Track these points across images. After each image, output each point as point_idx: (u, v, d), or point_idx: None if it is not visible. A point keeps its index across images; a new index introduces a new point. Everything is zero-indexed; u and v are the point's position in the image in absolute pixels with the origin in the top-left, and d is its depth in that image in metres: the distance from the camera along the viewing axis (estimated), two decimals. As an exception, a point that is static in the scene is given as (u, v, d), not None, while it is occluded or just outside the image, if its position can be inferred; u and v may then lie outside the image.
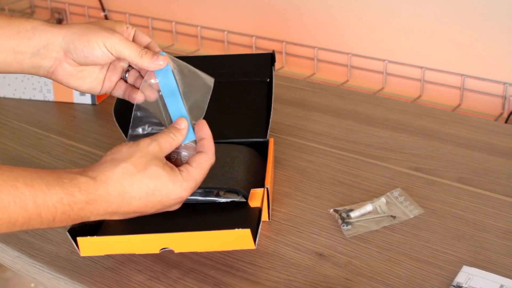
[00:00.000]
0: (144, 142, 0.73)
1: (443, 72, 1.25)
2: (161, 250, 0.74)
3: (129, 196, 0.70)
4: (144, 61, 0.79)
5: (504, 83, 1.19)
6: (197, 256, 0.78)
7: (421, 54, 1.27)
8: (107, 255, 0.78)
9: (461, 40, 1.22)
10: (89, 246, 0.73)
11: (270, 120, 0.95)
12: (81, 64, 0.81)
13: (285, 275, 0.75)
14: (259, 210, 0.78)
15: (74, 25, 0.81)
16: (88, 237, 0.72)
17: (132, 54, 0.79)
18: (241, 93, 1.04)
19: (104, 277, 0.75)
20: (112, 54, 0.78)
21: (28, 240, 0.83)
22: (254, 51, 1.48)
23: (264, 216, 0.83)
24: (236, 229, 0.71)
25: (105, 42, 0.78)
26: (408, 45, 1.29)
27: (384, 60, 1.31)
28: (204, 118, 0.99)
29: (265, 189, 0.81)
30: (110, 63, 0.83)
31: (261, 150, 0.92)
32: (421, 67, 1.27)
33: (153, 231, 0.74)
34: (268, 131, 0.94)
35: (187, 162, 0.74)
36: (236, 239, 0.72)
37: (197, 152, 0.76)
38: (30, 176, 0.66)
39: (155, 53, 0.80)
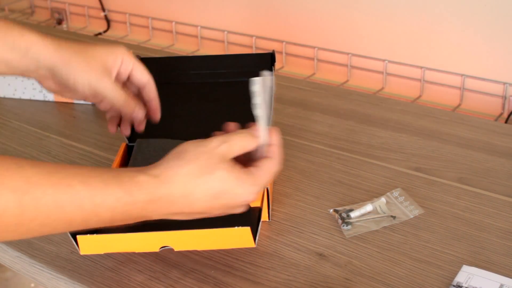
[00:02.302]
0: (214, 143, 0.68)
1: (443, 72, 1.25)
2: (161, 249, 0.74)
3: (193, 198, 0.66)
4: (126, 111, 0.83)
5: (504, 83, 1.19)
6: (197, 256, 0.78)
7: (421, 54, 1.27)
8: (107, 255, 0.78)
9: (461, 40, 1.22)
10: (89, 244, 0.73)
11: (270, 120, 0.95)
12: (67, 90, 0.83)
13: (285, 275, 0.75)
14: (259, 209, 0.78)
15: (66, 52, 0.81)
16: (88, 235, 0.72)
17: (115, 104, 0.82)
18: (241, 93, 1.04)
19: (104, 277, 0.75)
20: (93, 92, 0.81)
21: (28, 240, 0.83)
22: (254, 51, 1.48)
23: (264, 216, 0.83)
24: (236, 227, 0.71)
25: (90, 85, 0.81)
26: (408, 45, 1.29)
27: (384, 60, 1.31)
28: (204, 118, 1.00)
29: (265, 189, 0.81)
30: None
31: None
32: (421, 67, 1.27)
33: (153, 229, 0.74)
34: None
35: (254, 166, 0.69)
36: (236, 237, 0.72)
37: (265, 157, 0.71)
38: (87, 174, 0.62)
39: (138, 105, 0.82)
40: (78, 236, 0.72)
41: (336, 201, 0.88)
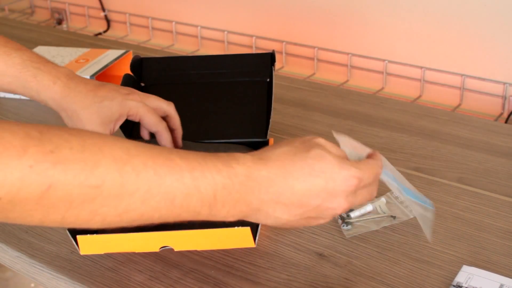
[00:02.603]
0: (308, 136, 0.67)
1: (443, 72, 1.25)
2: (161, 249, 0.74)
3: (291, 177, 0.62)
4: None
5: (504, 83, 1.19)
6: (197, 256, 0.78)
7: (421, 54, 1.27)
8: (107, 255, 0.78)
9: (461, 40, 1.22)
10: (89, 244, 0.73)
11: (270, 120, 0.95)
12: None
13: (285, 275, 0.75)
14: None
15: (72, 104, 0.83)
16: (88, 235, 0.72)
17: None
18: (241, 93, 1.04)
19: (104, 277, 0.75)
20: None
21: (28, 240, 0.83)
22: (254, 51, 1.48)
23: None
24: (236, 227, 0.71)
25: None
26: (408, 45, 1.29)
27: (384, 60, 1.31)
28: (204, 118, 0.99)
29: None
30: None
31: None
32: (421, 67, 1.27)
33: (153, 229, 0.74)
34: (268, 131, 0.94)
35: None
36: (236, 237, 0.72)
37: (369, 157, 0.68)
38: (185, 152, 0.60)
39: None
40: (78, 236, 0.72)
41: (336, 201, 0.88)
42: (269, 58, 1.04)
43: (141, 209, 0.57)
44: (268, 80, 1.04)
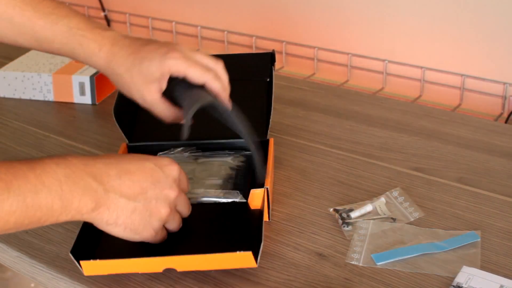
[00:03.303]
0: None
1: (443, 72, 1.25)
2: (164, 270, 0.74)
3: (125, 162, 0.72)
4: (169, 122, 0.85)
5: (504, 83, 1.19)
6: (197, 256, 0.78)
7: (421, 54, 1.27)
8: (107, 255, 0.79)
9: (461, 40, 1.22)
10: (93, 268, 0.73)
11: (270, 120, 0.95)
12: None
13: (285, 275, 0.75)
14: (261, 216, 0.78)
15: (118, 68, 0.84)
16: (91, 260, 0.72)
17: (158, 116, 0.85)
18: (241, 93, 1.04)
19: (104, 277, 0.75)
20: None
21: (28, 240, 0.83)
22: (254, 51, 1.48)
23: (264, 216, 0.83)
24: (238, 252, 0.71)
25: (137, 99, 0.84)
26: (408, 45, 1.29)
27: (384, 60, 1.31)
28: (205, 117, 0.99)
29: (265, 189, 0.81)
30: None
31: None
32: (421, 67, 1.27)
33: (156, 251, 0.74)
34: (268, 131, 0.94)
35: None
36: (238, 260, 0.72)
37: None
38: (10, 164, 0.64)
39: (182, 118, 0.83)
40: (81, 262, 0.72)
41: (336, 201, 0.88)
42: (269, 58, 1.04)
43: None
44: (268, 80, 1.04)
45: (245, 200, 0.82)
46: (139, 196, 0.71)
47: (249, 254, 0.71)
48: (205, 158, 0.92)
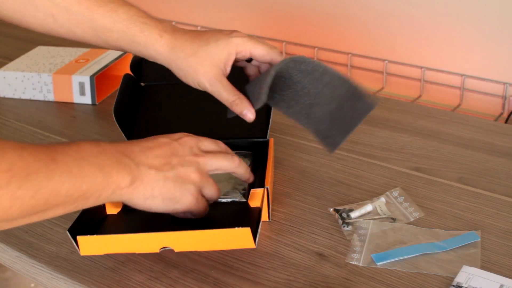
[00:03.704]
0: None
1: (443, 72, 1.25)
2: (161, 250, 0.74)
3: (143, 141, 0.76)
4: (233, 110, 0.84)
5: (504, 83, 1.19)
6: (197, 256, 0.78)
7: (421, 54, 1.27)
8: (107, 255, 0.78)
9: (461, 40, 1.22)
10: (89, 245, 0.73)
11: (271, 120, 0.95)
12: None
13: (285, 275, 0.75)
14: (259, 209, 0.78)
15: (180, 54, 0.84)
16: (88, 236, 0.72)
17: (223, 101, 0.84)
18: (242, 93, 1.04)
19: (104, 277, 0.75)
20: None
21: (28, 240, 0.83)
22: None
23: (264, 216, 0.83)
24: (236, 228, 0.71)
25: (200, 86, 0.84)
26: (408, 45, 1.29)
27: (384, 60, 1.31)
28: (204, 118, 1.00)
29: (265, 189, 0.81)
30: None
31: (261, 150, 0.92)
32: (421, 67, 1.27)
33: (153, 230, 0.74)
34: (268, 131, 0.94)
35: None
36: (236, 238, 0.72)
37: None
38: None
39: (247, 105, 0.83)
40: (78, 237, 0.72)
41: (336, 201, 0.88)
42: None
43: (49, 186, 0.62)
44: None
45: (244, 200, 0.82)
46: (165, 166, 0.73)
47: (247, 231, 0.71)
48: None
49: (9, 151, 0.60)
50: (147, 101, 1.03)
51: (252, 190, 0.81)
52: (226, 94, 0.83)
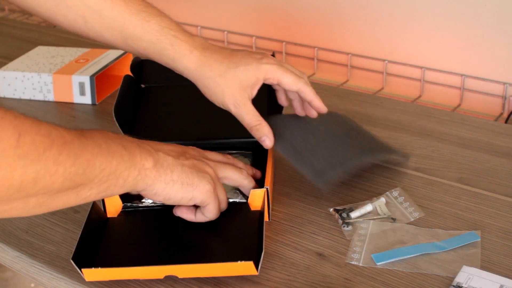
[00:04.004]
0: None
1: (443, 72, 1.25)
2: (165, 277, 0.74)
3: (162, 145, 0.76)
4: (253, 134, 0.85)
5: (504, 83, 1.19)
6: (197, 256, 0.78)
7: (421, 54, 1.27)
8: (107, 255, 0.79)
9: (461, 40, 1.22)
10: (94, 275, 0.73)
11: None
12: None
13: (285, 275, 0.75)
14: (261, 233, 0.76)
15: (208, 72, 0.84)
16: (93, 268, 0.72)
17: (245, 124, 0.85)
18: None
19: (104, 277, 0.75)
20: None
21: (28, 240, 0.83)
22: (253, 51, 1.48)
23: (265, 217, 0.83)
24: (239, 262, 0.71)
25: (224, 106, 0.85)
26: (408, 45, 1.29)
27: (384, 60, 1.31)
28: (204, 118, 0.99)
29: (265, 189, 0.81)
30: None
31: (261, 150, 0.92)
32: (421, 67, 1.27)
33: (156, 258, 0.74)
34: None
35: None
36: (240, 268, 0.72)
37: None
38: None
39: (267, 132, 0.84)
40: (83, 270, 0.72)
41: (336, 201, 0.88)
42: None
43: (85, 156, 0.63)
44: None
45: (245, 200, 0.82)
46: (181, 156, 0.75)
47: (250, 264, 0.71)
48: None
49: (43, 123, 0.61)
50: (147, 103, 1.03)
51: (252, 191, 0.81)
52: (248, 118, 0.84)
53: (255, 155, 0.92)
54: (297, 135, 0.89)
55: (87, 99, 1.21)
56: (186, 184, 0.73)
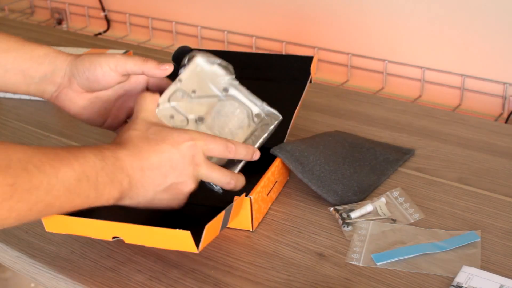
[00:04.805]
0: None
1: (443, 72, 1.25)
2: (113, 239, 0.74)
3: (147, 152, 0.74)
4: (149, 66, 0.81)
5: (504, 83, 1.19)
6: (197, 256, 0.78)
7: (421, 54, 1.27)
8: (107, 255, 0.79)
9: (461, 40, 1.22)
10: (52, 223, 0.75)
11: (290, 126, 0.93)
12: (86, 89, 0.84)
13: (285, 275, 0.75)
14: (220, 212, 0.75)
15: (83, 54, 0.84)
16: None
17: (136, 62, 0.82)
18: (274, 96, 1.01)
19: (104, 277, 0.76)
20: (114, 71, 0.81)
21: (28, 240, 0.83)
22: (254, 51, 1.48)
23: (247, 225, 0.82)
24: (177, 229, 0.69)
25: (107, 62, 0.82)
26: (408, 45, 1.29)
27: (384, 60, 1.31)
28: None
29: (249, 198, 0.80)
30: (118, 100, 0.86)
31: (262, 152, 0.90)
32: (421, 67, 1.27)
33: (108, 219, 0.74)
34: (286, 136, 0.93)
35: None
36: (177, 239, 0.70)
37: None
38: (64, 146, 0.71)
39: (156, 62, 0.82)
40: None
41: (336, 201, 0.88)
42: (310, 62, 1.02)
43: (46, 200, 0.64)
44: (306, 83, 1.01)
45: (221, 191, 0.80)
46: (159, 186, 0.75)
47: (187, 235, 0.69)
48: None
49: (15, 163, 0.62)
50: None
51: (238, 198, 0.79)
52: (138, 57, 0.82)
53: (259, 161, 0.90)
54: (312, 160, 0.90)
55: (87, 99, 1.21)
56: (151, 208, 0.76)
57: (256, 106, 0.85)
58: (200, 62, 0.84)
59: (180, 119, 0.81)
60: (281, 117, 0.85)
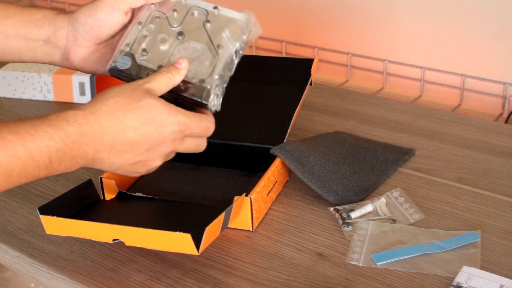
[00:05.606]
0: (137, 82, 0.72)
1: (443, 72, 1.25)
2: (114, 241, 0.74)
3: (123, 126, 0.69)
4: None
5: (504, 83, 1.19)
6: (197, 256, 0.78)
7: (421, 54, 1.27)
8: (107, 255, 0.79)
9: (461, 40, 1.22)
10: (52, 225, 0.74)
11: (289, 128, 0.93)
12: (93, 39, 0.80)
13: (285, 275, 0.75)
14: (220, 214, 0.74)
15: (80, 7, 0.81)
16: (50, 216, 0.73)
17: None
18: (274, 98, 1.02)
19: (104, 277, 0.75)
20: (116, 9, 0.77)
21: (28, 240, 0.83)
22: (254, 51, 1.48)
23: (247, 225, 0.82)
24: (177, 232, 0.69)
25: (106, 1, 0.78)
26: (408, 45, 1.29)
27: (384, 60, 1.31)
28: (227, 118, 0.95)
29: (249, 198, 0.80)
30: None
31: (263, 153, 0.91)
32: (421, 67, 1.27)
33: (109, 221, 0.74)
34: (286, 137, 0.93)
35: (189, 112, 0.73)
36: (178, 241, 0.70)
37: (203, 112, 0.76)
38: (14, 124, 0.64)
39: None
40: (41, 216, 0.74)
41: (336, 201, 0.88)
42: (310, 65, 1.02)
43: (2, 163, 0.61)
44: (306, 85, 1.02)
45: (206, 103, 0.76)
46: (127, 161, 0.72)
47: (187, 238, 0.69)
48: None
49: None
50: None
51: (238, 198, 0.79)
52: None
53: (261, 165, 0.90)
54: (312, 160, 0.90)
55: (87, 99, 1.21)
56: (121, 172, 0.74)
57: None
58: None
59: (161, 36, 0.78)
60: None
